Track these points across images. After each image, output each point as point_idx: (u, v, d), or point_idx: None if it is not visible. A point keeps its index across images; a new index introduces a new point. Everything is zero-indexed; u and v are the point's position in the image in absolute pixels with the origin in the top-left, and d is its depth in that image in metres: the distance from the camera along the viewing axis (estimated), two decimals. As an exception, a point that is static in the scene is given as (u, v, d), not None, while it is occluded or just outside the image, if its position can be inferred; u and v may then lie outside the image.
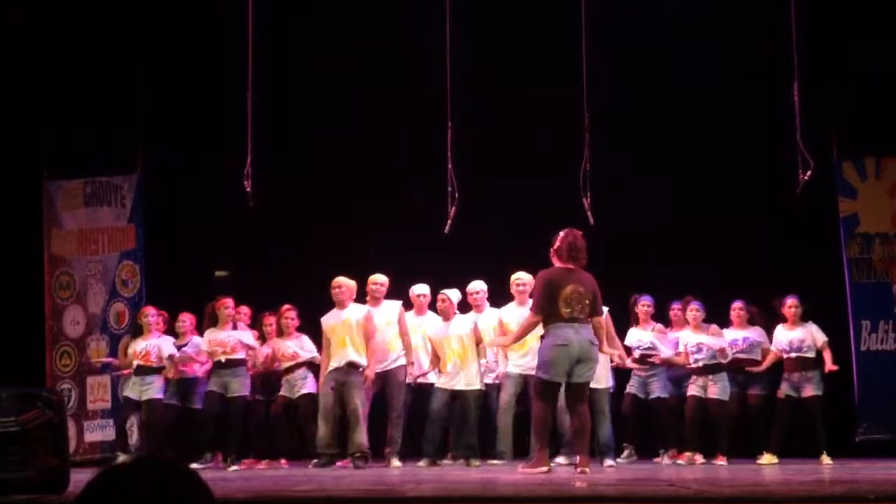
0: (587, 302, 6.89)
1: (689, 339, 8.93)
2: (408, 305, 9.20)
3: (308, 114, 10.45)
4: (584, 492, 5.00)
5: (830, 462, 8.43)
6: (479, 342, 8.79)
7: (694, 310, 8.99)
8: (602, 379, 8.38)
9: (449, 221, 8.63)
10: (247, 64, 8.55)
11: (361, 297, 8.93)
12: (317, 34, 10.17)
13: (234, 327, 9.16)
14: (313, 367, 9.02)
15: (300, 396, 9.02)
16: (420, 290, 9.16)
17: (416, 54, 9.56)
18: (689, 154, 10.12)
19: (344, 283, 8.71)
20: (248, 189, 8.46)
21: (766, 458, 8.63)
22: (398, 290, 9.25)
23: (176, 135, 10.31)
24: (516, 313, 8.62)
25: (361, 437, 8.40)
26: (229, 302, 9.14)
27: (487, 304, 9.12)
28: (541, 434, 7.09)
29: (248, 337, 9.12)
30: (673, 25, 9.82)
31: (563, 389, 7.05)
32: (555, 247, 7.04)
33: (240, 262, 11.02)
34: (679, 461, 8.74)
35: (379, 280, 8.97)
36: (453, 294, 8.97)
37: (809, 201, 8.90)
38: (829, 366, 8.75)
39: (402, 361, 8.79)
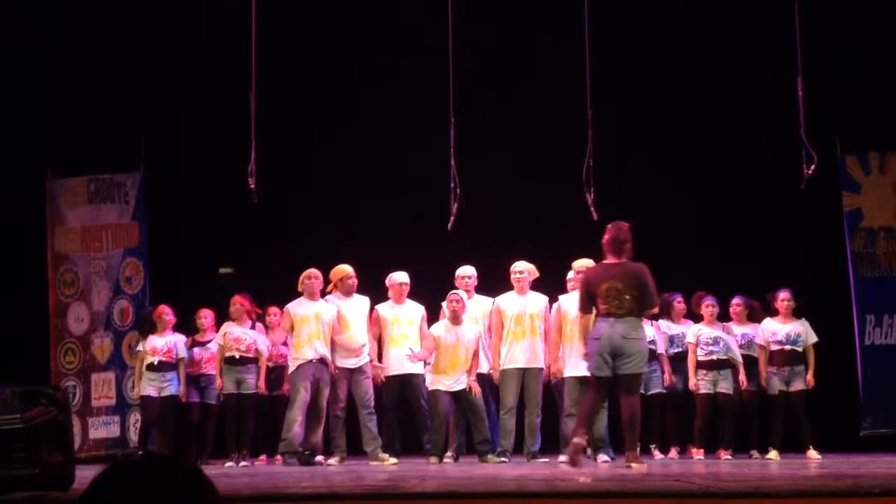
0: (627, 297, 6.92)
1: (706, 333, 8.89)
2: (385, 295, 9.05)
3: (311, 110, 10.45)
4: (586, 487, 5.00)
5: (818, 456, 8.40)
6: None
7: (710, 305, 8.95)
8: None
9: (452, 217, 8.61)
10: (249, 60, 8.55)
11: (360, 290, 8.92)
12: (319, 29, 10.17)
13: (253, 326, 9.19)
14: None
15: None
16: (400, 277, 8.96)
17: (419, 49, 9.56)
18: (692, 149, 10.11)
19: (319, 274, 8.73)
20: (251, 185, 8.46)
21: (773, 454, 8.60)
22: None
23: (179, 131, 10.32)
24: (516, 302, 8.70)
25: (317, 436, 8.55)
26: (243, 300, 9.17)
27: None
28: (581, 422, 7.09)
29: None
30: (677, 21, 9.81)
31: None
32: (603, 240, 7.17)
33: (244, 258, 11.02)
34: (699, 457, 8.68)
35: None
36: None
37: (813, 196, 8.89)
38: (810, 376, 8.68)
39: (367, 359, 8.73)
